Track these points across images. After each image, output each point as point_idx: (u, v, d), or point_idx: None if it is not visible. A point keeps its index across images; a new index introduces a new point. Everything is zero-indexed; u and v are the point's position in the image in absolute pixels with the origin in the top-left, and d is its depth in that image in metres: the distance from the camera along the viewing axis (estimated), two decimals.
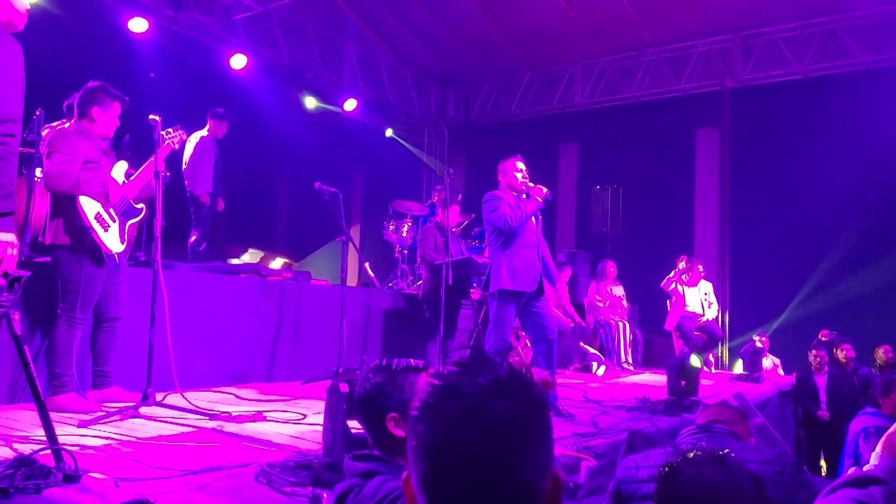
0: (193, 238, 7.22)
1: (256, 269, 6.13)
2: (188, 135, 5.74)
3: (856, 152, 8.99)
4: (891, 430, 1.02)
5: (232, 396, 4.64)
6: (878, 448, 1.04)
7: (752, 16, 9.53)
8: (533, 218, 4.78)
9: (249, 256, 9.31)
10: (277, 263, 9.44)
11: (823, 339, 8.51)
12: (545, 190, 4.78)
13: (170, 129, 4.34)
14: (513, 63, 11.33)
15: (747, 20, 9.64)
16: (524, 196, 4.77)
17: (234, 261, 8.72)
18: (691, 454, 1.37)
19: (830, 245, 9.19)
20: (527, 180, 4.82)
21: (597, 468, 2.88)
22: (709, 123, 10.47)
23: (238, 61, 8.77)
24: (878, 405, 5.39)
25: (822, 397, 7.57)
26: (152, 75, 7.85)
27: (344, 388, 2.65)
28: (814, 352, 7.84)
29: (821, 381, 7.66)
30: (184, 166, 7.24)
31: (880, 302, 9.10)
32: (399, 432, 1.80)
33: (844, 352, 7.81)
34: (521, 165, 4.85)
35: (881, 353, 8.06)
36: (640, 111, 10.67)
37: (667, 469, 1.35)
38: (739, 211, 10.10)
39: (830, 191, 9.02)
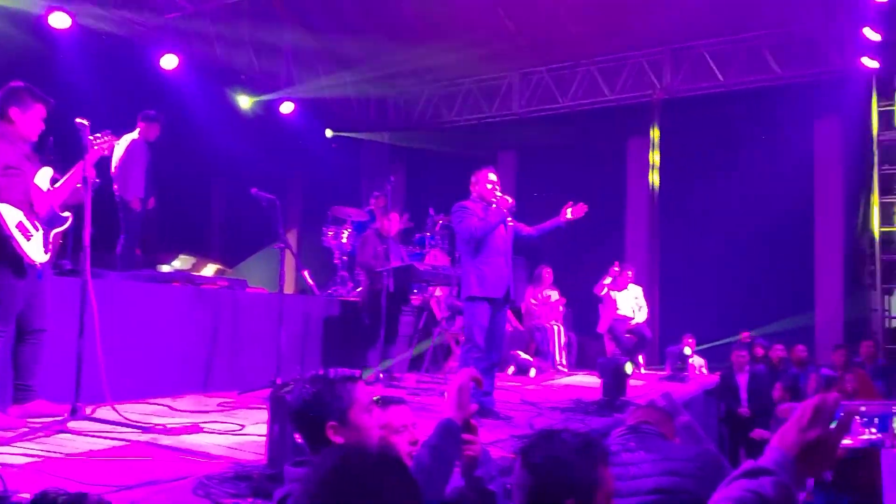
0: (121, 245, 7.00)
1: (190, 278, 6.01)
2: (117, 140, 5.58)
3: (775, 163, 9.48)
4: (783, 427, 1.13)
5: (166, 408, 4.54)
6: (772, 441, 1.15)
7: (682, 30, 9.89)
8: (503, 226, 4.91)
9: (180, 263, 9.09)
10: (210, 270, 9.24)
11: (745, 340, 8.95)
12: (510, 200, 4.92)
13: (98, 134, 4.21)
14: (452, 70, 11.43)
15: (677, 34, 10.01)
16: (493, 206, 4.88)
17: (165, 267, 8.49)
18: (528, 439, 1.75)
19: (753, 251, 9.66)
20: (496, 191, 4.95)
21: None
22: (640, 133, 10.84)
23: (169, 62, 8.56)
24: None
25: (743, 395, 7.97)
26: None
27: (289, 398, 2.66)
28: (736, 352, 8.24)
29: (742, 380, 8.06)
30: (112, 170, 7.01)
31: (796, 303, 9.64)
32: (339, 439, 1.84)
33: (777, 352, 8.33)
34: (492, 177, 5.00)
35: (796, 353, 8.53)
36: (575, 120, 10.95)
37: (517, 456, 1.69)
38: (668, 218, 10.49)
39: (753, 199, 9.48)
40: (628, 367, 5.59)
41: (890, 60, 8.72)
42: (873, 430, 0.96)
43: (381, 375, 6.20)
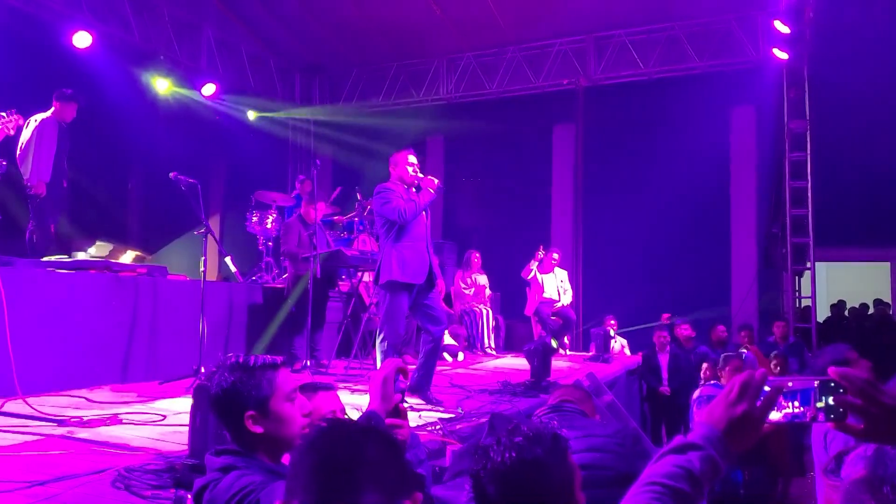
0: (30, 231, 6.62)
1: (107, 265, 5.76)
2: (24, 119, 5.27)
3: (693, 150, 9.85)
4: (711, 402, 1.16)
5: (83, 400, 4.37)
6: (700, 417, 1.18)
7: (604, 18, 10.10)
8: (423, 211, 4.80)
9: (96, 250, 8.69)
10: (128, 257, 8.88)
11: (665, 321, 9.31)
12: (436, 181, 4.81)
13: (3, 114, 3.99)
14: (380, 55, 11.33)
15: (599, 22, 10.21)
16: (415, 189, 4.79)
17: (80, 255, 8.12)
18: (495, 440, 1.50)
19: (672, 236, 10.03)
20: (417, 173, 4.83)
21: (461, 451, 3.01)
22: (565, 120, 11.05)
23: (82, 39, 8.13)
24: (717, 378, 6.05)
25: (664, 374, 8.30)
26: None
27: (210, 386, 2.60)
28: (657, 333, 8.56)
29: (663, 360, 8.38)
30: (18, 152, 6.60)
31: (714, 286, 10.10)
32: (258, 429, 1.79)
33: (683, 332, 8.63)
34: (412, 159, 4.85)
35: (716, 334, 8.93)
36: (502, 106, 11.05)
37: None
38: (592, 203, 10.76)
39: (672, 185, 9.84)
40: (553, 343, 5.72)
41: (799, 51, 9.19)
42: (796, 404, 1.01)
43: (309, 363, 6.14)
